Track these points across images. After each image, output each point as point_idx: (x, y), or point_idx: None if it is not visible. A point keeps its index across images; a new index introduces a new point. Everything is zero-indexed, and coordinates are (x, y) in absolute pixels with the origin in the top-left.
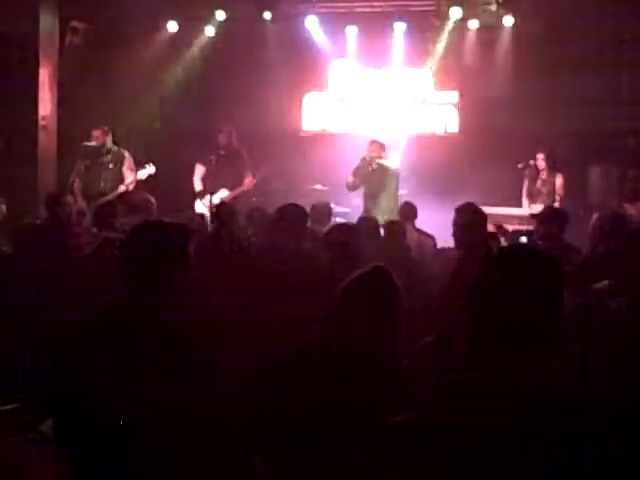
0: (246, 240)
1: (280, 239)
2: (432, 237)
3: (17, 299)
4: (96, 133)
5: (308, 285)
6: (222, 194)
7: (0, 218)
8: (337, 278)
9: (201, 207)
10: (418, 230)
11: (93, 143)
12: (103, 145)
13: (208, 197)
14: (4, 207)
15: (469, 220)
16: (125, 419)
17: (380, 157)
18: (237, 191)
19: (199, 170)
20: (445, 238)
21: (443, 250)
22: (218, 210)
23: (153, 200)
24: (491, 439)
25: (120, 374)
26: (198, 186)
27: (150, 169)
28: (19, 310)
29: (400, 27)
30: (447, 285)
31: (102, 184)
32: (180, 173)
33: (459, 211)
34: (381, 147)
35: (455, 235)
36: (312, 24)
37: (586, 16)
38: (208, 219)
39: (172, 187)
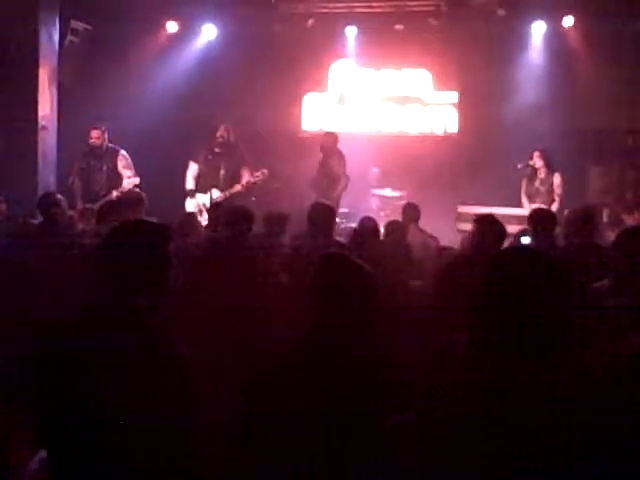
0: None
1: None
2: (435, 238)
3: (13, 298)
4: (95, 133)
5: None
6: (214, 194)
7: (0, 218)
8: None
9: (190, 206)
10: (422, 231)
11: (91, 143)
12: (101, 145)
13: (199, 196)
14: (4, 206)
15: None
16: (102, 420)
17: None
18: (232, 191)
19: (192, 168)
20: (445, 238)
21: (444, 249)
22: (213, 211)
23: (144, 196)
24: (490, 444)
25: (98, 374)
26: (190, 184)
27: (134, 179)
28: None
29: (399, 27)
30: (447, 286)
31: (98, 185)
32: (180, 174)
33: (478, 222)
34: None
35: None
36: (312, 25)
37: (586, 15)
38: (200, 219)
39: (173, 187)
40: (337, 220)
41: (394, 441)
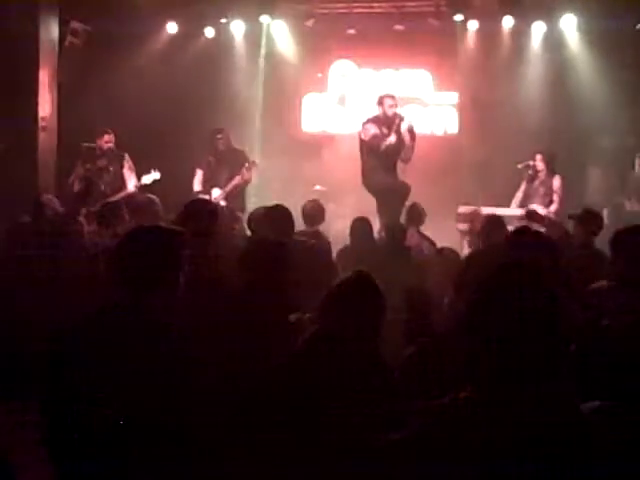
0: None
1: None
2: (433, 243)
3: (13, 297)
4: (108, 138)
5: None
6: (215, 194)
7: None
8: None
9: None
10: (421, 234)
11: (94, 145)
12: (109, 149)
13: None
14: None
15: None
16: (117, 419)
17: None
18: (229, 187)
19: (199, 173)
20: (445, 238)
21: (443, 249)
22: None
23: (157, 200)
24: (488, 462)
25: (110, 375)
26: (197, 187)
27: (155, 174)
28: (15, 309)
29: (399, 28)
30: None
31: (103, 187)
32: (180, 175)
33: None
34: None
35: None
36: (312, 25)
37: (586, 16)
38: None
39: (172, 189)
40: (338, 221)
41: (390, 460)
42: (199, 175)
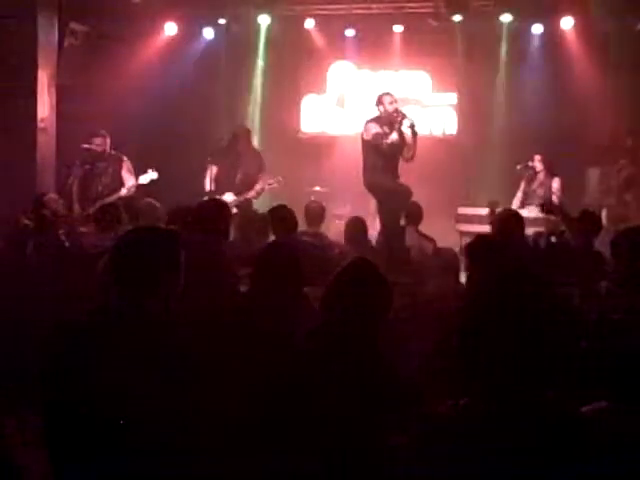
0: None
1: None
2: (432, 240)
3: (13, 298)
4: (98, 140)
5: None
6: (227, 198)
7: None
8: None
9: None
10: (419, 233)
11: (92, 147)
12: (104, 151)
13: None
14: None
15: None
16: (118, 420)
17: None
18: (246, 196)
19: (212, 170)
20: (444, 239)
21: (441, 250)
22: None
23: (158, 205)
24: (488, 469)
25: (111, 376)
26: (208, 186)
27: (152, 174)
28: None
29: (398, 29)
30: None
31: (100, 188)
32: (178, 175)
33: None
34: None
35: None
36: (311, 26)
37: (585, 17)
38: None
39: (172, 190)
40: (337, 222)
41: (389, 466)
42: (212, 173)
